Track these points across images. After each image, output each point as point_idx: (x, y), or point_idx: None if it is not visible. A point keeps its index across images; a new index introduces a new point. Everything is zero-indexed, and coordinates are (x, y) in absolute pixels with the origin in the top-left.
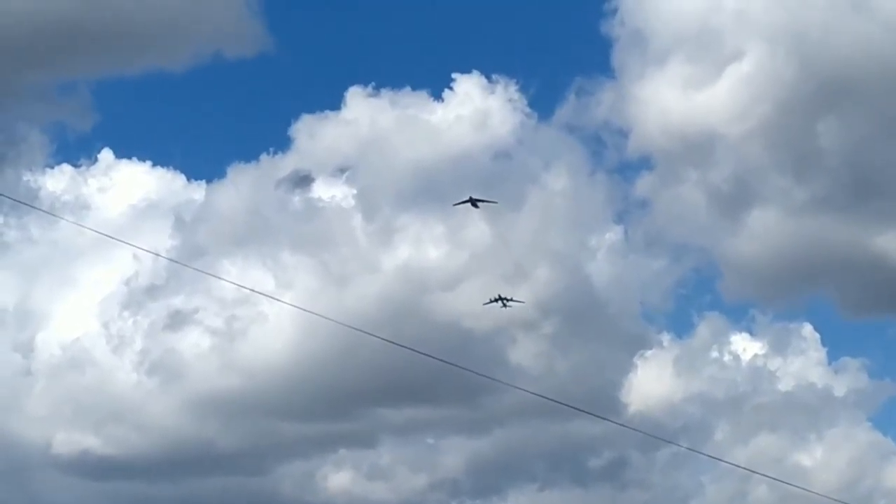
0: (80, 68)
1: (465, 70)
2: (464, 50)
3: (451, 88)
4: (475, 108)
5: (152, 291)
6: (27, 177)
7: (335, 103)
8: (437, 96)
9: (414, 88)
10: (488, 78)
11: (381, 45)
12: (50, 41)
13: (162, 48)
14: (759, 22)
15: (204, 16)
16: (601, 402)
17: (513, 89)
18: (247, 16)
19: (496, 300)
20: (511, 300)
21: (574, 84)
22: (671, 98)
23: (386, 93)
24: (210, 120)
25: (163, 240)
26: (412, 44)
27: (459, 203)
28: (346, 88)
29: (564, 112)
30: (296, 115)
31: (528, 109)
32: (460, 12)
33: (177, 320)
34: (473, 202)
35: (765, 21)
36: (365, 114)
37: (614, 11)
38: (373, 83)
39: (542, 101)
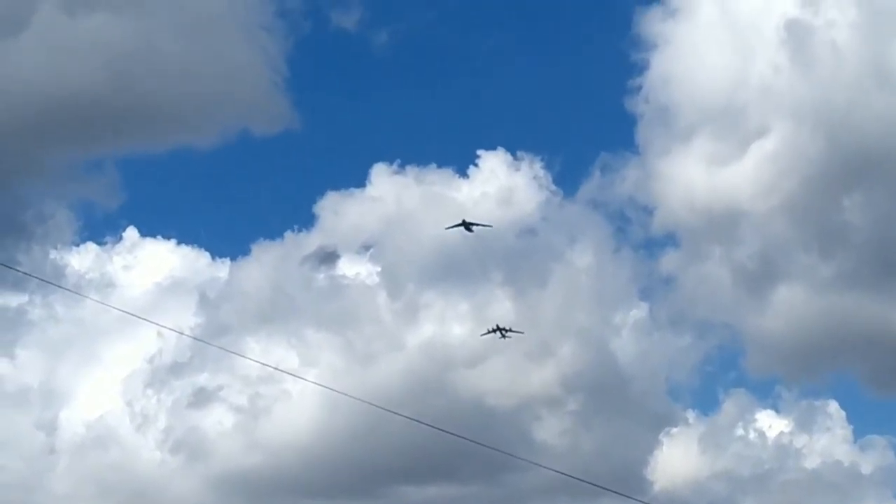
0: (108, 146)
1: (491, 147)
2: (489, 126)
3: (476, 165)
4: (500, 185)
5: (176, 369)
6: (53, 254)
7: (360, 180)
8: (463, 173)
9: (439, 165)
10: (513, 155)
11: (406, 122)
12: (78, 119)
13: (189, 125)
14: (785, 98)
15: (231, 93)
16: (627, 479)
17: (538, 166)
18: (273, 93)
19: (494, 331)
20: (510, 330)
21: (599, 160)
22: (696, 174)
23: (411, 170)
24: (235, 197)
25: (187, 317)
26: (437, 121)
27: (452, 227)
28: (370, 165)
29: (589, 188)
30: (321, 193)
31: (553, 186)
32: (485, 89)
33: (201, 398)
34: (467, 226)
35: (790, 97)
36: (390, 191)
37: (639, 88)
38: (398, 160)
39: (566, 178)
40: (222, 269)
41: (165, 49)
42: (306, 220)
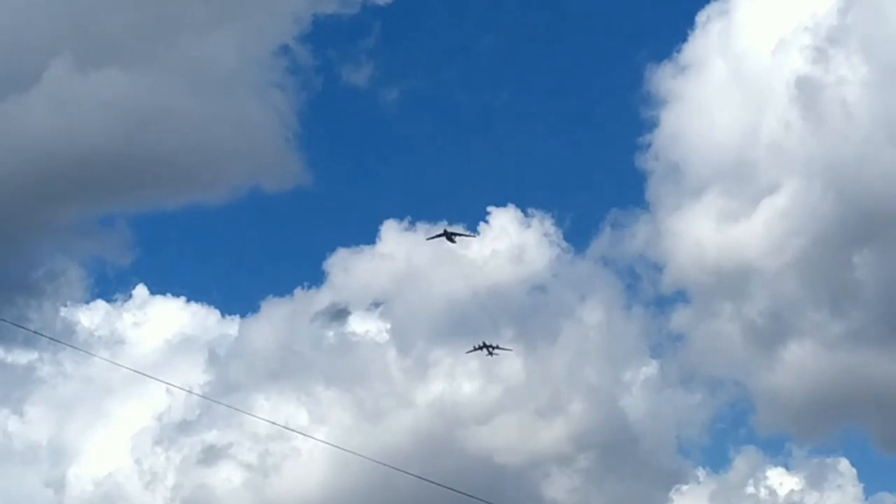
0: (119, 202)
1: (501, 203)
2: (499, 183)
3: (486, 222)
4: (511, 242)
5: (185, 426)
6: (63, 312)
7: (370, 237)
8: (473, 230)
9: (450, 222)
10: (524, 211)
11: (416, 179)
12: (89, 175)
13: (201, 182)
14: (795, 155)
15: (242, 150)
16: None
17: (548, 223)
18: (285, 150)
19: (480, 348)
20: (497, 347)
21: (609, 217)
22: (706, 231)
23: (422, 226)
24: (246, 254)
25: (197, 374)
26: (448, 177)
27: (433, 237)
28: (381, 222)
29: (600, 245)
30: (331, 249)
31: (563, 243)
32: (495, 146)
33: (210, 455)
34: (449, 236)
35: (800, 154)
36: (400, 248)
37: (649, 145)
38: (409, 217)
39: (577, 234)
40: (232, 326)
41: (177, 106)
42: (316, 277)
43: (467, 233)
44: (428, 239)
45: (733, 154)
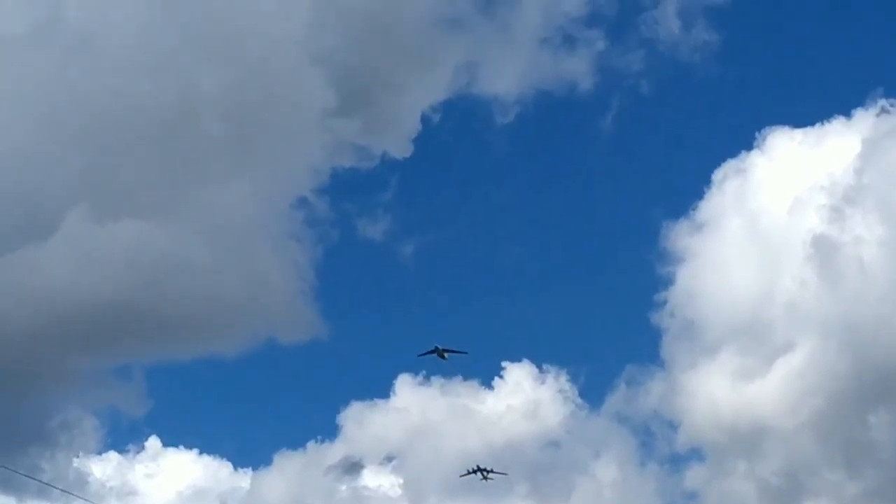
0: (134, 353)
1: (516, 359)
2: (514, 338)
3: (501, 377)
4: (525, 398)
5: None
6: (76, 462)
7: (385, 391)
8: (488, 385)
9: (465, 377)
10: (539, 367)
11: (431, 333)
12: (105, 325)
13: (216, 333)
14: (811, 314)
15: (258, 301)
16: None
17: (563, 379)
18: (301, 302)
19: (475, 471)
20: (492, 471)
21: (624, 373)
22: (721, 390)
23: (436, 381)
24: (259, 406)
25: None
26: (463, 331)
27: (424, 354)
28: (395, 376)
29: (614, 401)
30: (345, 402)
31: (578, 399)
32: (510, 301)
33: None
34: (440, 353)
35: (816, 313)
36: (414, 402)
37: (664, 302)
38: (423, 371)
39: (592, 390)
40: (244, 479)
41: (193, 256)
42: (330, 431)
43: (458, 350)
44: (420, 356)
45: (749, 312)
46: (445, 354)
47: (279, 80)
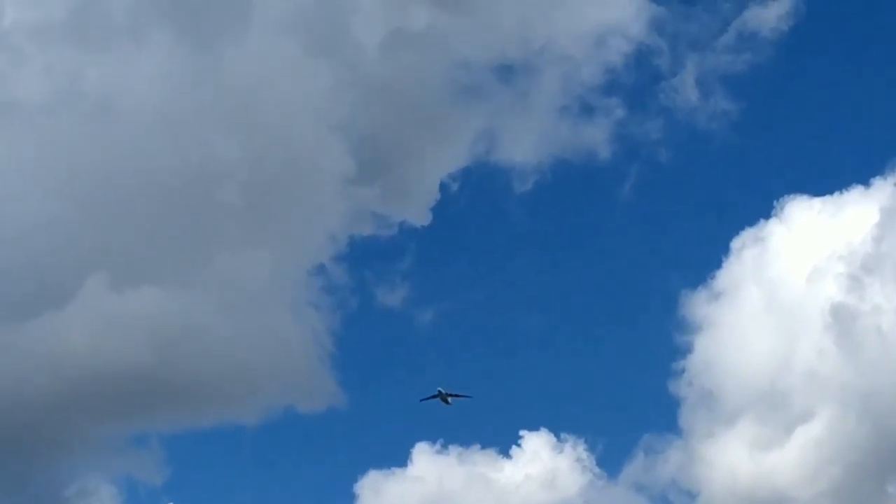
0: (152, 421)
1: (534, 427)
2: (532, 407)
3: (519, 446)
4: (543, 467)
5: None
6: None
7: (402, 459)
8: (506, 454)
9: (483, 446)
10: (557, 436)
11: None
12: (122, 393)
13: (234, 401)
14: (830, 383)
15: (277, 369)
16: None
17: (581, 448)
18: (319, 370)
19: (435, 396)
20: (455, 395)
21: (642, 442)
22: (739, 459)
23: (454, 449)
24: (277, 474)
25: None
26: (481, 400)
27: (427, 399)
28: (413, 445)
29: (632, 470)
30: (362, 471)
31: (596, 468)
32: (528, 369)
33: None
34: (443, 397)
35: (835, 382)
36: (432, 471)
37: (682, 371)
38: (441, 440)
39: (609, 459)
40: None
41: (211, 324)
42: (347, 499)
43: (462, 394)
44: (422, 400)
45: (767, 381)
46: (449, 399)
47: (298, 148)
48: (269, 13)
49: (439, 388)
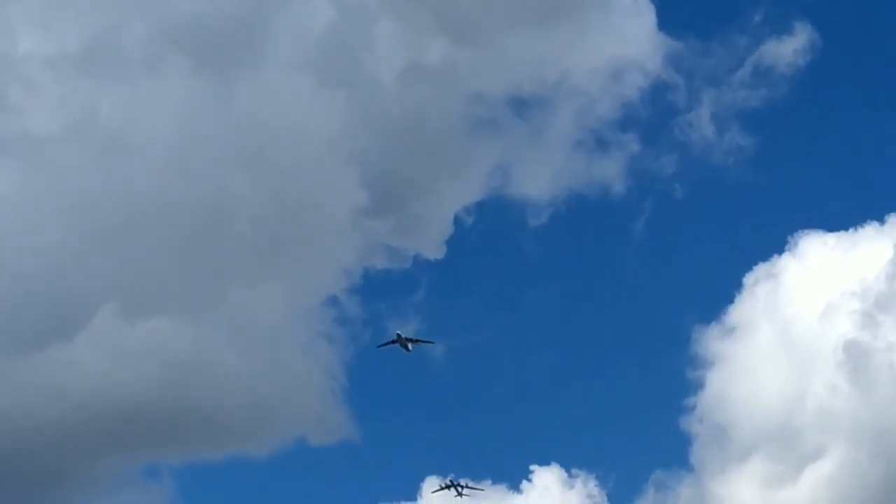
0: (164, 452)
1: (545, 462)
2: (543, 442)
3: (529, 480)
4: (554, 502)
5: None
6: None
7: (411, 493)
8: (516, 488)
9: (493, 480)
10: (568, 471)
11: (460, 435)
12: (134, 424)
13: (246, 434)
14: (842, 421)
15: (289, 402)
16: None
17: (592, 484)
18: (331, 403)
19: (448, 486)
20: (467, 486)
21: (653, 478)
22: (751, 496)
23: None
24: None
25: None
26: (492, 434)
27: (384, 345)
28: (423, 478)
29: None
30: None
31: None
32: (539, 405)
33: None
34: (403, 343)
35: (847, 420)
36: None
37: (693, 407)
38: (451, 474)
39: (620, 496)
40: None
41: (223, 356)
42: None
43: (424, 339)
44: (380, 346)
45: (779, 418)
46: (409, 344)
47: (312, 180)
48: (284, 46)
49: (398, 332)
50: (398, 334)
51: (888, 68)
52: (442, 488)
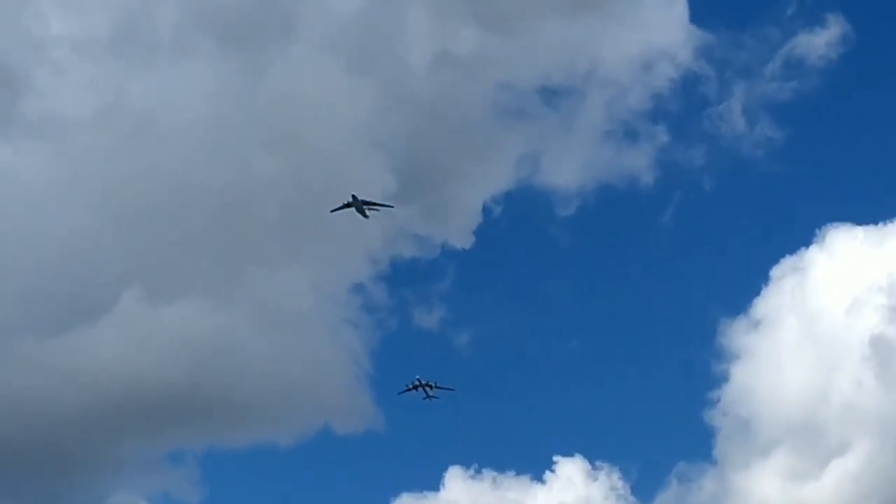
0: (188, 438)
1: (568, 453)
2: (567, 433)
3: (553, 471)
4: (577, 494)
5: None
6: None
7: (435, 483)
8: (539, 479)
9: (517, 471)
10: (591, 463)
11: (484, 425)
12: (158, 410)
13: (271, 420)
14: (868, 415)
15: (314, 388)
16: None
17: (615, 476)
18: (356, 390)
19: (416, 387)
20: (436, 386)
21: (676, 470)
22: (774, 490)
23: (488, 474)
24: (311, 495)
25: None
26: (515, 424)
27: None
28: (446, 468)
29: (666, 499)
30: (395, 494)
31: (630, 496)
32: (564, 396)
33: None
34: (359, 207)
35: (873, 414)
36: (464, 495)
37: (718, 400)
38: (475, 464)
39: (643, 487)
40: None
41: (247, 341)
42: None
43: (382, 203)
44: (333, 211)
45: (804, 412)
46: (366, 210)
47: (339, 165)
48: (314, 30)
49: (353, 193)
50: (353, 196)
51: None
52: (408, 389)
